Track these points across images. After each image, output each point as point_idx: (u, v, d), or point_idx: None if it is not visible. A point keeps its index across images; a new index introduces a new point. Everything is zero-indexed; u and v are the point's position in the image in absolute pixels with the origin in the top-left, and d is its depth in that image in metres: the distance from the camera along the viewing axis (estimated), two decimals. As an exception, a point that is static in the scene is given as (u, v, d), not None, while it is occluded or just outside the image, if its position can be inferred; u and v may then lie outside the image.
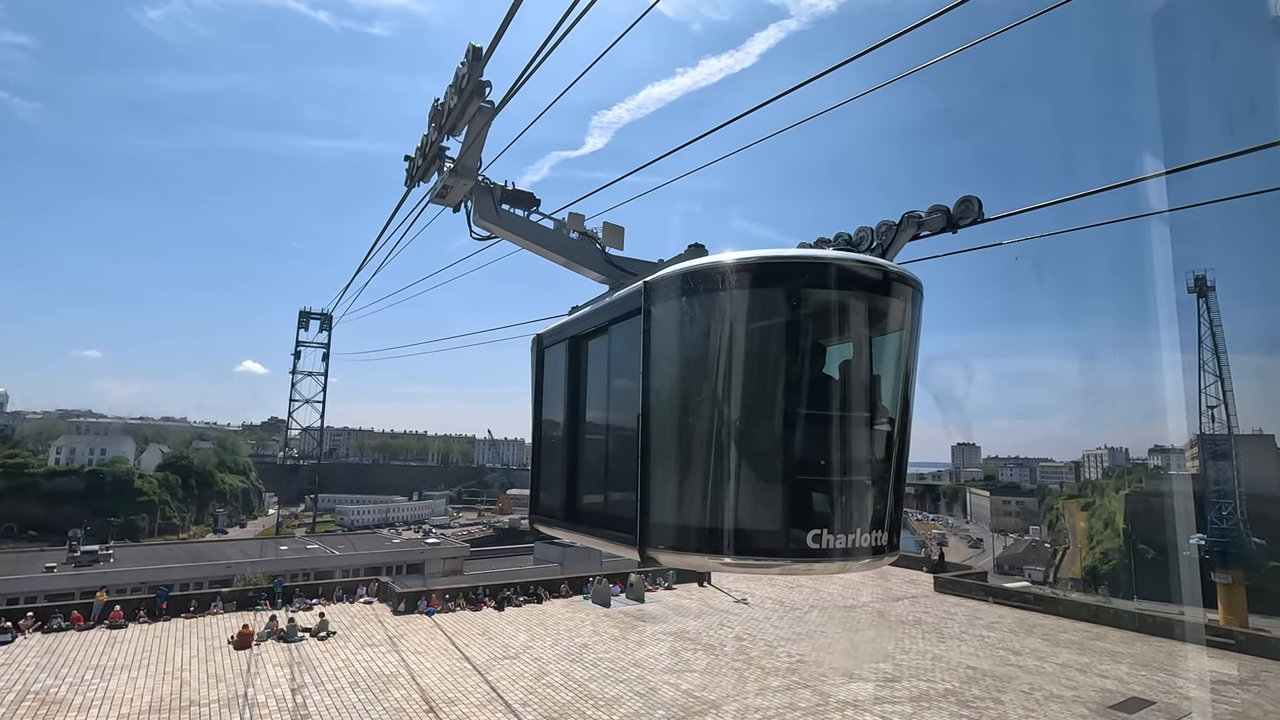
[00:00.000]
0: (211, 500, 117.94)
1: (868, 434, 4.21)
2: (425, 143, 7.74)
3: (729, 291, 4.08)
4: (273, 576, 35.75)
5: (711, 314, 4.13)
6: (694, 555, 4.11)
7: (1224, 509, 52.08)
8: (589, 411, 5.67)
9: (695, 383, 4.17)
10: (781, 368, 4.01)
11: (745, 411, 4.03)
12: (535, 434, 6.98)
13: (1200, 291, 54.51)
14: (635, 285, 4.72)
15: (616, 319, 5.09)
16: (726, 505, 3.99)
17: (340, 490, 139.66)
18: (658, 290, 4.46)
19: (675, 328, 4.36)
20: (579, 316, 5.90)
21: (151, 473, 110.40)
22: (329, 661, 19.35)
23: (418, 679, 17.97)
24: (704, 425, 4.10)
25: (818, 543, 3.91)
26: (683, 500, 4.17)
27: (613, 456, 5.09)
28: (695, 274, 4.21)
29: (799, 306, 4.03)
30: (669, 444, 4.27)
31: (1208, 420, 55.66)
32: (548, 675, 18.56)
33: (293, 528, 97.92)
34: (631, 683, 18.10)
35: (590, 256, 6.57)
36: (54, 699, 15.96)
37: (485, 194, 6.91)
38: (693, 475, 4.12)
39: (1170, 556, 66.01)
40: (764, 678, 18.65)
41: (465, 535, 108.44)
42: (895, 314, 4.32)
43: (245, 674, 18.09)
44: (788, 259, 4.14)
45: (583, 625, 24.22)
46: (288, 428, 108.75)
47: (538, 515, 6.68)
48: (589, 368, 5.73)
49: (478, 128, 6.87)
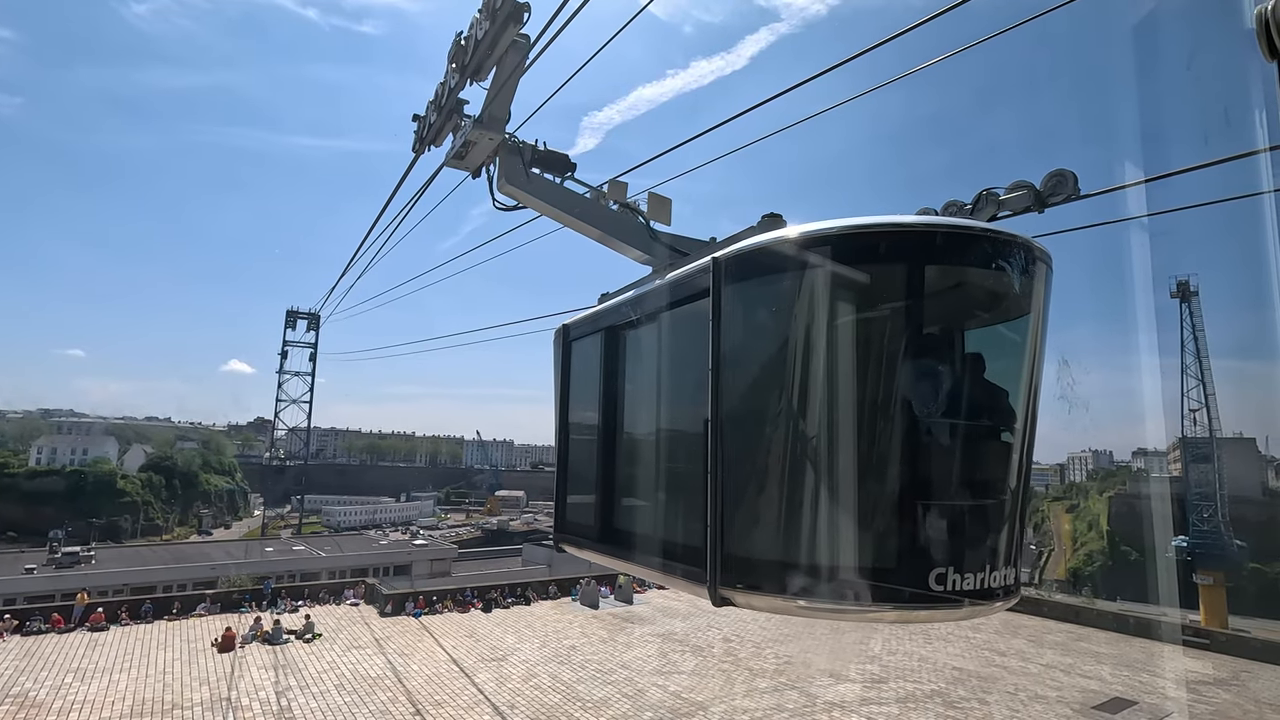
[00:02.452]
0: (196, 501, 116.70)
1: (999, 446, 3.49)
2: (440, 93, 6.69)
3: (833, 268, 3.31)
4: (262, 578, 35.46)
5: (809, 296, 3.38)
6: (785, 599, 3.34)
7: (1205, 511, 52.80)
8: (633, 414, 4.88)
9: (787, 382, 3.44)
10: (905, 364, 3.24)
11: (854, 419, 3.28)
12: (560, 438, 6.02)
13: (1183, 296, 55.27)
14: (700, 262, 3.94)
15: (673, 304, 4.31)
16: (830, 537, 3.26)
17: (327, 491, 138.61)
18: (734, 268, 3.67)
19: (758, 314, 3.62)
20: (619, 303, 5.09)
21: (135, 473, 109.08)
22: (314, 664, 19.19)
23: (404, 681, 17.86)
24: (800, 435, 3.35)
25: (941, 584, 3.14)
26: (772, 529, 3.42)
27: (668, 469, 4.29)
28: (787, 247, 3.43)
29: (928, 287, 3.26)
30: (751, 458, 3.52)
31: (1190, 424, 56.43)
32: (536, 677, 18.51)
33: (278, 529, 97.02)
34: (619, 684, 18.08)
35: (632, 231, 5.63)
36: (33, 702, 15.72)
37: (513, 154, 5.91)
38: (786, 498, 3.37)
39: (1152, 558, 66.81)
40: (751, 679, 18.69)
41: (453, 537, 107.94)
42: (1035, 297, 3.52)
43: (229, 677, 17.91)
44: (914, 226, 3.34)
45: (570, 627, 24.18)
46: (274, 428, 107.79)
47: (565, 534, 5.77)
48: (633, 362, 4.95)
49: (509, 67, 5.80)
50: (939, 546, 3.19)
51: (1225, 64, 1.59)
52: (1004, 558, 3.35)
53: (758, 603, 3.48)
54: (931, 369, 3.33)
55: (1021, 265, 3.44)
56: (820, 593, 3.24)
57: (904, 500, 3.19)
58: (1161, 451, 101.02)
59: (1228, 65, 1.53)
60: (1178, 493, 56.22)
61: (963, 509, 3.30)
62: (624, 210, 5.71)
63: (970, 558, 3.23)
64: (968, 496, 3.33)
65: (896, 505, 3.20)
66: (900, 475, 3.21)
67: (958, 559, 3.19)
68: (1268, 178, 2.42)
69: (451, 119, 6.59)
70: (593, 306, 5.64)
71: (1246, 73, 1.24)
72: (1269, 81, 1.21)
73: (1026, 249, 3.44)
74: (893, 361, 3.26)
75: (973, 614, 3.31)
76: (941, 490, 3.28)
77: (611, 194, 5.78)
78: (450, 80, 6.45)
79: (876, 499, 3.23)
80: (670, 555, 4.16)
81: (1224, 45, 2.02)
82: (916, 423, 3.23)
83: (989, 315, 3.67)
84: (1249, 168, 3.24)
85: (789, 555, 3.32)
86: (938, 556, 3.17)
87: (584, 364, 5.68)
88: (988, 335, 3.67)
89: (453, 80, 6.39)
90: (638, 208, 5.66)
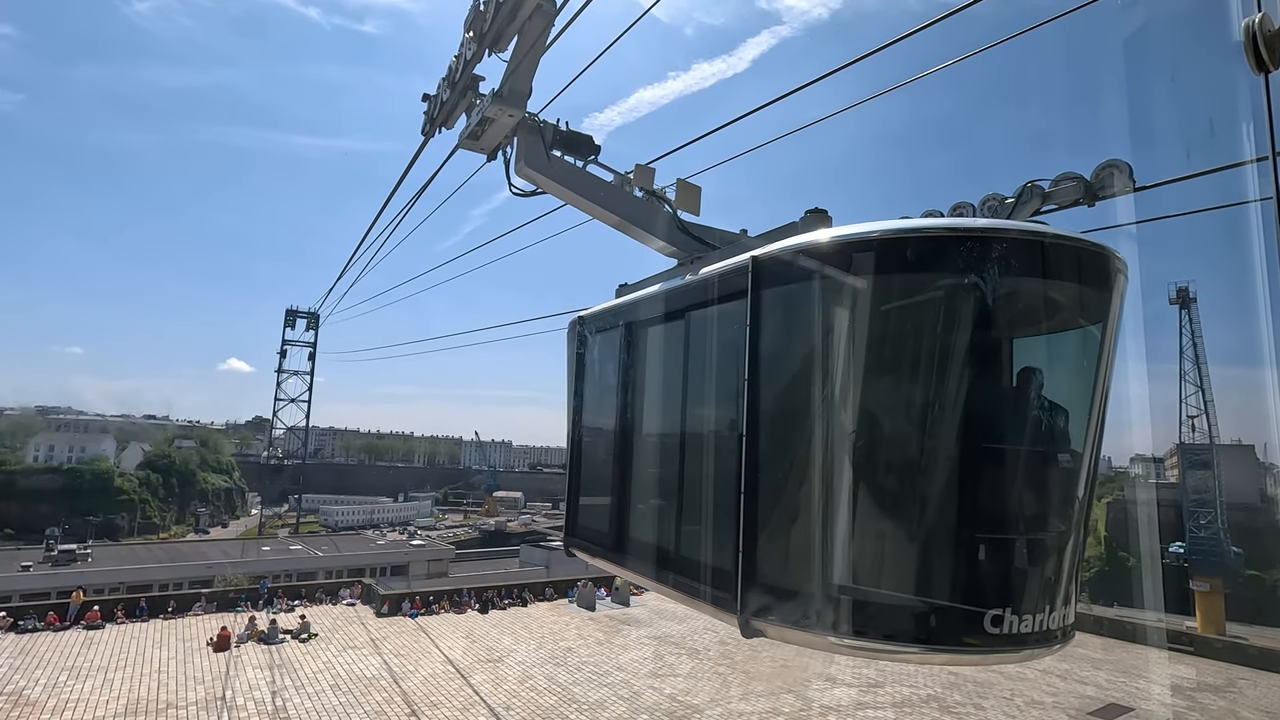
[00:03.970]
0: (193, 500, 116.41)
1: (1066, 473, 3.19)
2: (455, 67, 6.14)
3: (889, 274, 3.03)
4: (258, 577, 35.38)
5: (861, 303, 3.07)
6: (826, 636, 3.03)
7: (1203, 518, 52.80)
8: (655, 416, 4.54)
9: (833, 397, 3.11)
10: (967, 381, 2.94)
11: (910, 441, 3.00)
12: (573, 435, 5.68)
13: (1182, 303, 55.34)
14: (738, 260, 3.65)
15: (704, 302, 3.99)
16: (879, 570, 2.98)
17: (325, 491, 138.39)
18: (775, 268, 3.37)
19: (802, 320, 3.29)
20: (642, 297, 4.77)
21: (132, 471, 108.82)
22: (310, 664, 19.14)
23: (400, 682, 17.82)
24: (847, 456, 3.03)
25: (998, 626, 2.84)
26: (813, 558, 3.09)
27: (694, 480, 3.94)
28: (837, 248, 3.12)
29: (995, 297, 2.93)
30: (791, 476, 3.21)
31: (1188, 430, 56.47)
32: (531, 679, 18.47)
33: (276, 528, 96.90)
34: (615, 687, 18.05)
35: (657, 220, 5.22)
36: (27, 700, 15.66)
37: (534, 134, 5.41)
38: (830, 525, 3.05)
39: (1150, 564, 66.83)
40: (747, 682, 18.66)
41: (451, 537, 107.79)
42: (1108, 309, 3.22)
43: (224, 676, 17.86)
44: (982, 230, 2.99)
45: (567, 629, 24.14)
46: (272, 427, 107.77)
47: (576, 539, 5.47)
48: (656, 361, 4.60)
49: (532, 36, 5.34)
50: (998, 585, 2.90)
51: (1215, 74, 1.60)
52: (1064, 596, 3.05)
53: (794, 638, 3.16)
54: (996, 387, 3.06)
55: (1095, 274, 3.15)
56: (866, 631, 2.91)
57: (962, 532, 2.88)
58: (1160, 458, 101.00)
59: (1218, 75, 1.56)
60: (1176, 499, 56.23)
61: (1025, 543, 2.98)
62: (649, 198, 5.31)
63: (1030, 598, 2.92)
64: (1032, 529, 3.00)
65: (954, 538, 2.89)
66: (960, 504, 2.89)
67: (1017, 599, 2.88)
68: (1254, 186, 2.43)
69: (466, 96, 6.03)
70: (607, 302, 5.38)
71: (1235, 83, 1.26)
72: (1257, 92, 1.23)
73: (1102, 256, 3.12)
74: (954, 377, 2.95)
75: (1030, 658, 3.02)
76: (1004, 522, 2.97)
77: (637, 180, 5.38)
78: (466, 52, 5.86)
79: (931, 530, 2.92)
80: (694, 575, 3.80)
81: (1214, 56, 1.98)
82: (979, 446, 2.94)
83: (1058, 328, 3.35)
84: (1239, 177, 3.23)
85: (831, 588, 2.99)
86: (996, 596, 2.87)
87: (601, 359, 5.36)
88: (1055, 350, 3.38)
89: (469, 51, 5.82)
90: (664, 195, 5.26)
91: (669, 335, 4.44)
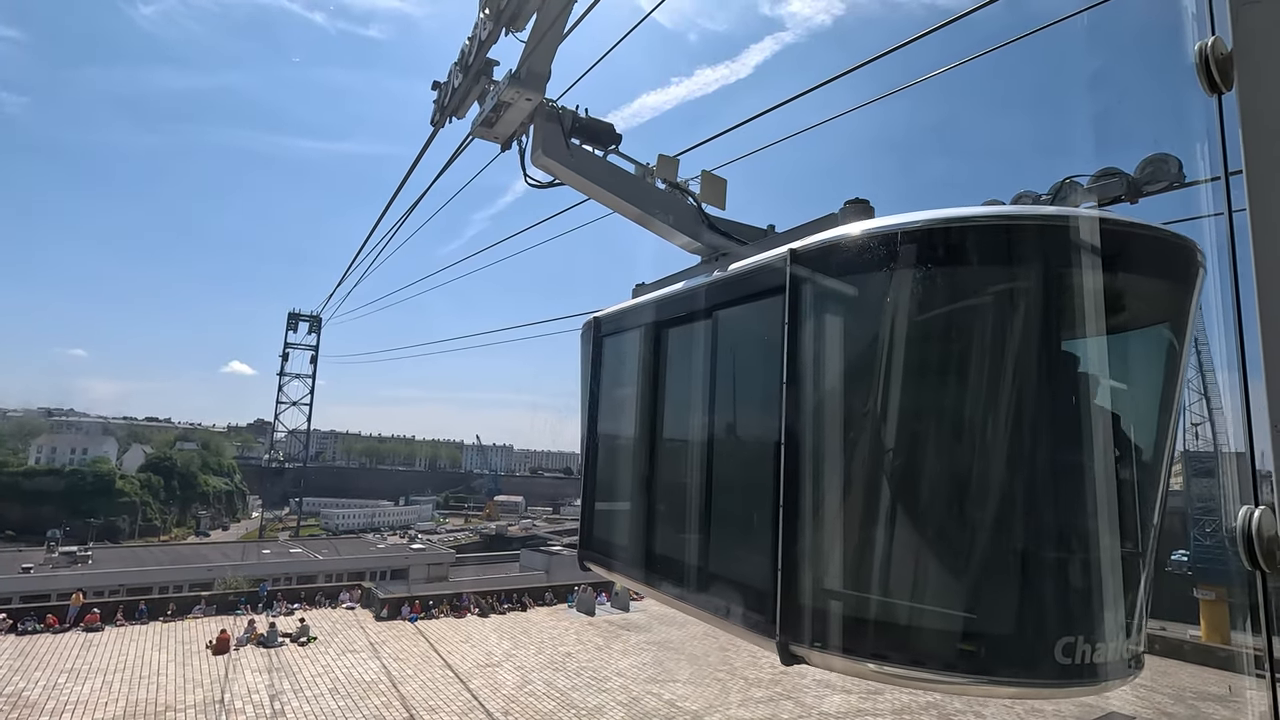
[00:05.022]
0: (194, 502, 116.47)
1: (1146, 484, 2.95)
2: (468, 51, 5.79)
3: (948, 266, 2.75)
4: (258, 580, 35.38)
5: (922, 300, 2.79)
6: (877, 665, 2.72)
7: (1207, 526, 52.61)
8: (680, 421, 4.28)
9: (882, 401, 2.86)
10: (1037, 383, 2.69)
11: (972, 447, 2.72)
12: (588, 442, 5.36)
13: (1184, 310, 55.32)
14: (774, 253, 3.39)
15: (735, 300, 3.74)
16: (934, 593, 2.67)
17: (326, 494, 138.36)
18: (818, 261, 3.11)
19: (848, 319, 3.07)
20: (665, 295, 4.53)
21: (133, 474, 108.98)
22: (309, 667, 19.12)
23: (399, 686, 17.79)
24: (901, 464, 2.78)
25: (1070, 656, 2.54)
26: (863, 576, 2.81)
27: (725, 489, 3.64)
28: (889, 239, 2.83)
29: (1071, 293, 2.66)
30: (838, 486, 2.94)
31: (1191, 437, 56.33)
32: (530, 684, 18.43)
33: (276, 531, 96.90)
34: (614, 692, 18.00)
35: (682, 214, 4.97)
36: (26, 702, 15.66)
37: (551, 121, 5.10)
38: (881, 538, 2.78)
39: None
40: (747, 688, 18.60)
41: (451, 541, 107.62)
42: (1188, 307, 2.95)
43: (223, 679, 17.84)
44: (1053, 219, 2.71)
45: (566, 633, 24.09)
46: (274, 430, 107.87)
47: (592, 552, 5.09)
48: (680, 363, 4.35)
49: (553, 13, 5.05)
50: (1071, 608, 2.62)
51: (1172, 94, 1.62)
52: (1137, 621, 2.79)
53: (839, 665, 2.83)
54: (1068, 390, 2.78)
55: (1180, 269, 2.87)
56: (923, 661, 2.60)
57: (1035, 552, 2.60)
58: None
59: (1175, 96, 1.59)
60: (1180, 506, 56.06)
61: (1101, 562, 2.68)
62: (673, 190, 5.02)
63: (1106, 623, 2.64)
64: (1109, 547, 2.70)
65: (1025, 557, 2.60)
66: (1032, 520, 2.63)
67: (1091, 625, 2.60)
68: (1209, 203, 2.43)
69: (480, 82, 5.69)
70: (626, 301, 5.12)
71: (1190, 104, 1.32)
72: (1210, 113, 1.29)
73: (1187, 250, 2.85)
74: (1022, 380, 2.69)
75: (1104, 690, 2.70)
76: (1081, 540, 2.68)
77: (660, 172, 5.08)
78: (481, 32, 5.52)
79: (1000, 548, 2.62)
80: (724, 594, 3.47)
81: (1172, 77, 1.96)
82: (1055, 456, 2.67)
83: (1136, 327, 3.10)
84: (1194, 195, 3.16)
85: (884, 611, 2.70)
86: (1069, 621, 2.58)
87: (619, 362, 5.09)
88: (1131, 351, 3.13)
89: (484, 32, 5.49)
90: (688, 188, 4.99)
91: (696, 336, 4.16)
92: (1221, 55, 1.22)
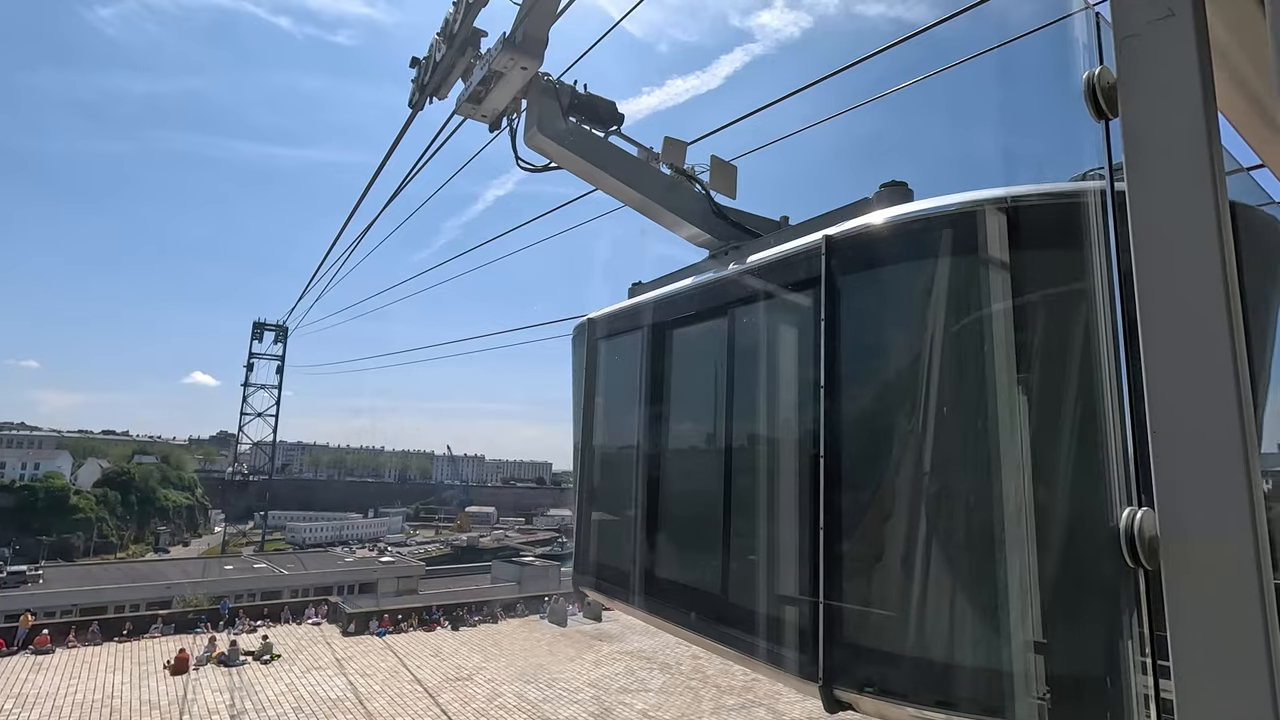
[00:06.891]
0: (153, 518, 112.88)
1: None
2: (451, 20, 5.18)
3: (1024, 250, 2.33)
4: (219, 597, 34.39)
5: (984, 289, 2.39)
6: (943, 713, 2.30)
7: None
8: (695, 433, 3.83)
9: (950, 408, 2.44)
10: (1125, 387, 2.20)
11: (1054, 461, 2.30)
12: (583, 458, 4.89)
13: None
14: (805, 241, 3.00)
15: (757, 295, 3.36)
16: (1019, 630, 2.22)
17: (292, 507, 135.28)
18: (860, 250, 2.73)
19: (902, 314, 2.64)
20: (671, 292, 4.11)
21: (89, 489, 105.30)
22: (272, 686, 18.65)
23: (365, 703, 17.45)
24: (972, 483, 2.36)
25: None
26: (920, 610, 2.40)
27: (750, 511, 3.20)
28: (943, 223, 2.46)
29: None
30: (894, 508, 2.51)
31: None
32: (500, 697, 18.23)
33: (240, 546, 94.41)
34: (586, 703, 17.89)
35: (688, 202, 4.54)
36: (-32, 730, 15.02)
37: (548, 95, 4.60)
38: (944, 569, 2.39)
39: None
40: (719, 696, 18.64)
41: (422, 553, 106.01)
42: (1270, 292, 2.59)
43: (181, 700, 17.30)
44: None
45: (538, 645, 23.89)
46: (238, 442, 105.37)
47: (589, 577, 4.59)
48: (690, 369, 3.92)
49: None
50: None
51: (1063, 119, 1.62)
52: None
53: (896, 714, 2.43)
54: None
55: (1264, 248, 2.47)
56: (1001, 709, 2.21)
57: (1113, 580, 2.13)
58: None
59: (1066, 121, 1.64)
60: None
61: None
62: (679, 176, 4.60)
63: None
64: None
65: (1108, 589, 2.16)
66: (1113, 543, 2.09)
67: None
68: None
69: (465, 55, 5.12)
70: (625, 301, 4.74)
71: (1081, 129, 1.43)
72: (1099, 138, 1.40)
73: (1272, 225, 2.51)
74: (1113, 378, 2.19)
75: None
76: None
77: (666, 156, 4.64)
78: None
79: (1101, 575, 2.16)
80: (753, 630, 3.01)
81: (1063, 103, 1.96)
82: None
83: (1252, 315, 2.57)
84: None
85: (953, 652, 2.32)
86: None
87: (618, 368, 4.66)
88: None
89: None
90: (696, 175, 4.57)
91: (712, 336, 3.70)
92: (1108, 84, 1.33)
